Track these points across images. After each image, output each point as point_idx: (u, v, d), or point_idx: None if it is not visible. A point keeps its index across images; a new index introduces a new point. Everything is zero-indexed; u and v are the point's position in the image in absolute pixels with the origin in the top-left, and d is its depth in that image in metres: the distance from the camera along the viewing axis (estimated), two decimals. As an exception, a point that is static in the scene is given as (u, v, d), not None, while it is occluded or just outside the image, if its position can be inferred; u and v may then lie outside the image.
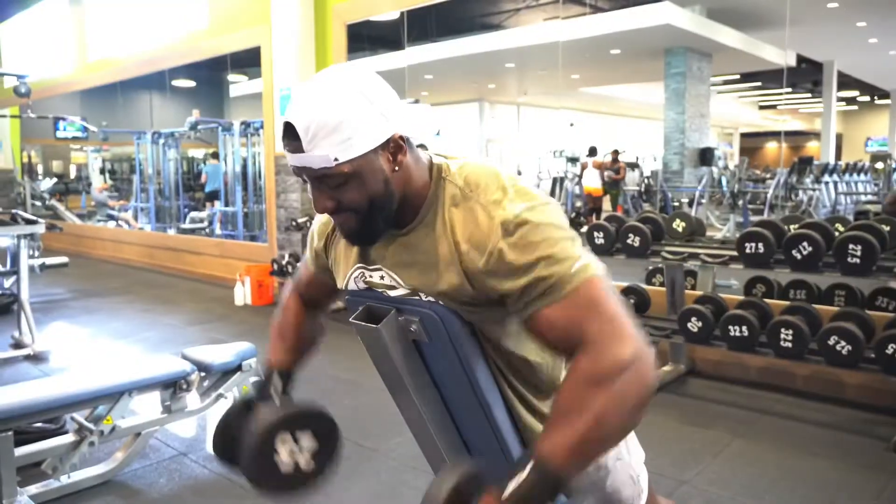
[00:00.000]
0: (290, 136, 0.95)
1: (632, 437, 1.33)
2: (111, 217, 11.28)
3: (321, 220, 1.25)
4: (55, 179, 14.44)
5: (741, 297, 3.46)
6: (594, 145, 10.29)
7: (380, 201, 0.99)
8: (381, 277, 1.09)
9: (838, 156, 15.03)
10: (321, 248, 1.24)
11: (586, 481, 1.25)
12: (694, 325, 3.20)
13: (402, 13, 5.50)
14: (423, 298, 1.04)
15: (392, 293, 1.08)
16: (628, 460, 1.29)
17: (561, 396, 0.91)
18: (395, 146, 0.99)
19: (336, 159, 0.93)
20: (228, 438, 1.21)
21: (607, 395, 0.86)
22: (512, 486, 0.85)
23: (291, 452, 1.11)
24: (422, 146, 1.09)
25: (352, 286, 1.15)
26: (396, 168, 1.00)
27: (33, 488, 2.30)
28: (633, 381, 0.88)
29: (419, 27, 9.85)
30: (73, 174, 16.32)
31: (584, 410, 0.86)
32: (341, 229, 1.06)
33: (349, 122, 0.93)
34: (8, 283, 5.61)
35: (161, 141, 9.85)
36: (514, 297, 0.96)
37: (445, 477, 0.91)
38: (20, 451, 2.23)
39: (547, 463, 0.85)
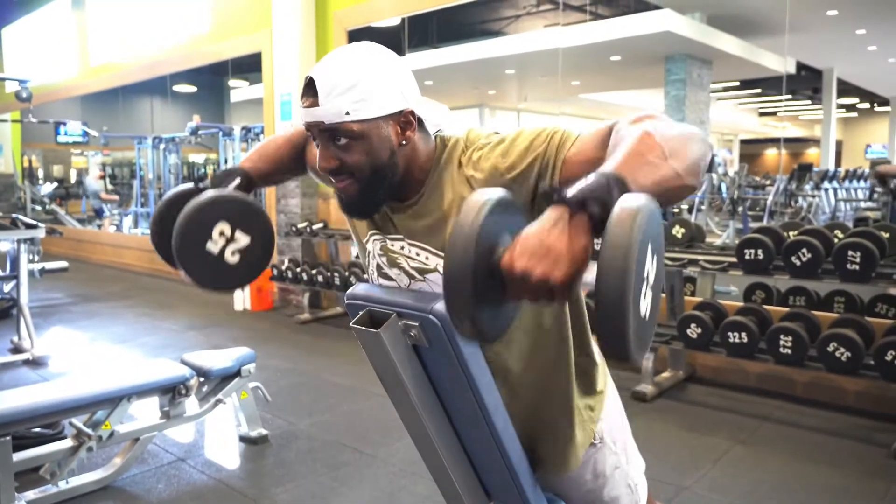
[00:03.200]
0: (310, 91, 0.99)
1: (631, 447, 1.33)
2: (97, 212, 11.17)
3: None
4: (56, 184, 14.45)
5: (741, 304, 3.46)
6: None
7: (382, 171, 1.02)
8: (402, 248, 1.11)
9: (838, 162, 15.06)
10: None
11: (583, 490, 1.24)
12: (693, 331, 3.19)
13: (402, 19, 5.51)
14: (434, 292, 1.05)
15: (418, 262, 1.09)
16: (626, 469, 1.29)
17: (610, 147, 0.88)
18: (406, 121, 1.02)
19: (348, 114, 0.97)
20: (168, 224, 1.15)
21: (656, 123, 0.86)
22: (574, 188, 0.75)
23: (223, 239, 1.10)
24: (439, 131, 1.11)
25: (370, 248, 1.17)
26: (404, 142, 1.03)
27: (31, 494, 2.29)
28: (691, 131, 0.87)
29: (420, 33, 9.89)
30: (73, 179, 16.35)
31: (633, 134, 0.84)
32: (340, 197, 1.06)
33: (366, 85, 0.98)
34: (7, 287, 5.61)
35: (162, 146, 9.87)
36: (542, 169, 0.97)
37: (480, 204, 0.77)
38: (18, 456, 2.22)
39: (607, 171, 0.76)
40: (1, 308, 5.34)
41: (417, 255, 1.09)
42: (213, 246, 1.10)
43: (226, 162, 9.16)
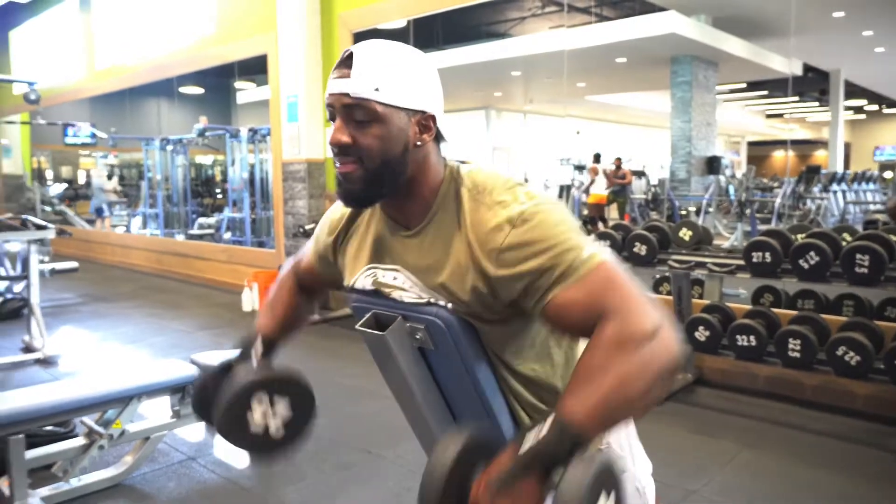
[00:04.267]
0: (345, 64, 0.99)
1: (638, 449, 1.33)
2: (98, 211, 11.28)
3: (333, 216, 1.24)
4: (65, 185, 14.55)
5: (749, 307, 3.46)
6: (598, 152, 10.33)
7: (391, 164, 1.00)
8: (395, 279, 1.09)
9: (846, 165, 15.01)
10: (330, 242, 1.23)
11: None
12: (701, 334, 3.19)
13: (408, 21, 5.53)
14: (435, 301, 1.04)
15: (403, 295, 1.08)
16: (633, 471, 1.29)
17: (584, 359, 0.90)
18: (426, 122, 1.02)
19: (377, 89, 0.97)
20: (207, 395, 1.20)
21: (632, 357, 0.86)
22: (530, 441, 0.84)
23: (264, 414, 1.12)
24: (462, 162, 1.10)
25: (359, 285, 1.15)
26: (418, 143, 1.02)
27: (44, 490, 2.32)
28: (659, 348, 0.88)
29: (426, 35, 9.91)
30: (81, 180, 16.45)
31: (608, 371, 0.86)
32: (341, 183, 1.03)
33: (399, 73, 0.99)
34: (18, 287, 5.65)
35: (169, 147, 9.92)
36: (529, 288, 0.97)
37: (449, 443, 0.89)
38: (31, 453, 2.25)
39: (567, 420, 0.83)
40: (12, 308, 5.38)
41: (411, 287, 1.07)
42: (258, 427, 1.12)
43: (233, 163, 9.21)
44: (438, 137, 1.07)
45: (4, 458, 2.19)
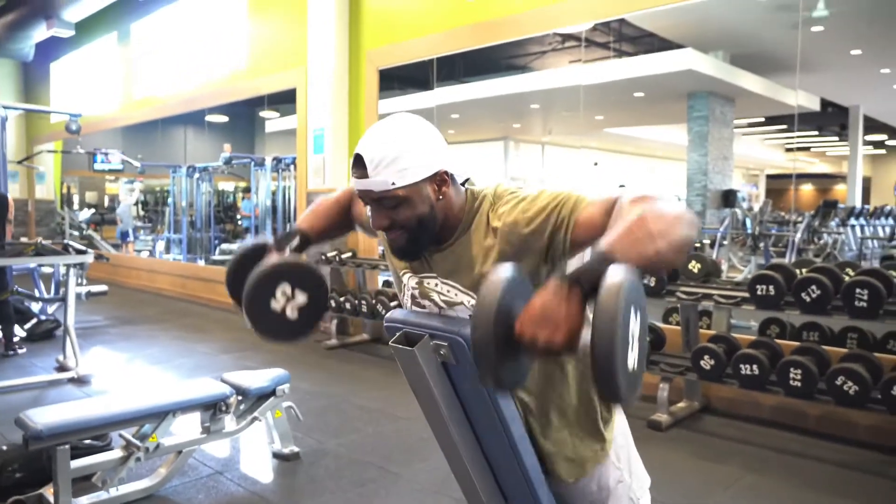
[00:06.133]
0: (359, 164, 1.20)
1: (636, 463, 1.47)
2: (123, 235, 11.80)
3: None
4: (93, 210, 14.98)
5: (754, 337, 3.57)
6: (623, 184, 10.48)
7: (425, 222, 1.23)
8: (436, 285, 1.30)
9: (866, 199, 14.99)
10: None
11: (588, 500, 1.38)
12: (706, 362, 3.31)
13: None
14: (469, 304, 1.23)
15: (448, 297, 1.28)
16: (629, 483, 1.42)
17: (611, 220, 1.06)
18: (441, 179, 1.23)
19: (393, 184, 1.18)
20: (240, 275, 1.38)
21: (650, 205, 1.01)
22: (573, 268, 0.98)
23: (284, 298, 1.31)
24: (468, 181, 1.30)
25: (405, 281, 1.36)
26: (440, 197, 1.23)
27: (84, 500, 2.48)
28: (672, 206, 1.02)
29: (448, 68, 10.19)
30: (106, 204, 16.93)
31: (631, 214, 1.00)
32: (392, 245, 1.27)
33: (405, 156, 1.18)
34: (51, 309, 5.89)
35: (195, 175, 10.23)
36: (555, 226, 1.16)
37: (491, 286, 0.97)
38: (75, 463, 2.42)
39: (602, 249, 0.95)
40: (46, 329, 5.61)
41: (448, 291, 1.28)
42: (277, 304, 1.32)
43: (256, 191, 9.50)
44: (454, 179, 1.27)
45: (51, 467, 2.37)
